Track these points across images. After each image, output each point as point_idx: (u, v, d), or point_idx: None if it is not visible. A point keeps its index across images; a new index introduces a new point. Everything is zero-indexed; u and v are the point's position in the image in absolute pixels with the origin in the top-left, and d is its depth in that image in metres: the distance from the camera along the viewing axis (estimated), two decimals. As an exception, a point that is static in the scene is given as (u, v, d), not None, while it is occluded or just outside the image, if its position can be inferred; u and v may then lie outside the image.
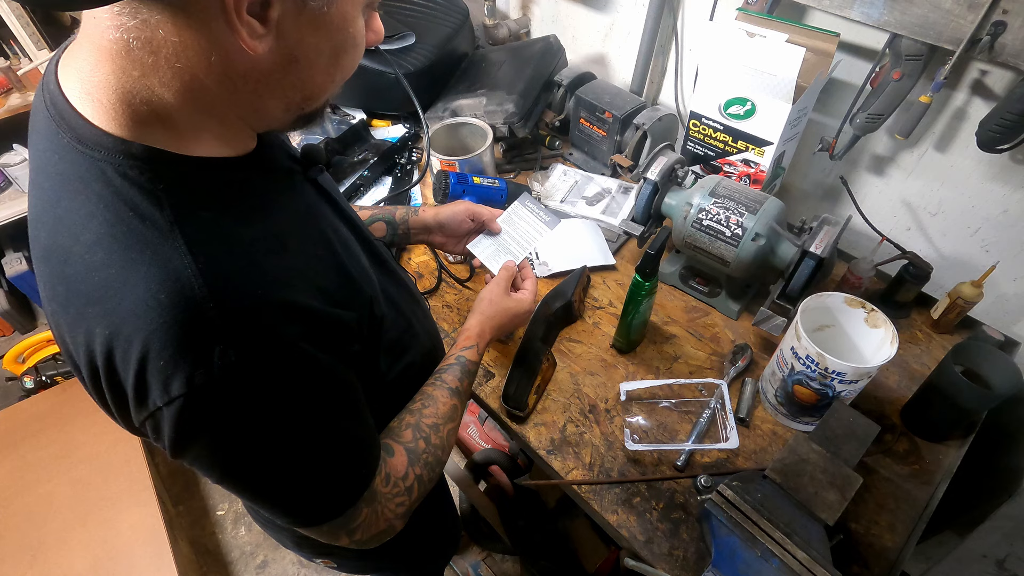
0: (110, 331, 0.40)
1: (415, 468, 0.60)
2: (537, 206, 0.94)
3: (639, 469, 0.87)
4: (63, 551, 1.44)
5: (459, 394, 0.70)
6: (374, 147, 1.40)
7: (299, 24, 0.41)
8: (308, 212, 0.54)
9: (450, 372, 0.71)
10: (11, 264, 2.03)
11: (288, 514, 0.51)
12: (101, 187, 0.41)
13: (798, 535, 0.65)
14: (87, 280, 0.41)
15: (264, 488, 0.49)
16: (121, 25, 0.37)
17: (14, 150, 1.91)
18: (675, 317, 1.09)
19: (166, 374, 0.40)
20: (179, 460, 0.45)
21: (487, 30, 1.60)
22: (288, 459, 0.48)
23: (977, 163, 0.95)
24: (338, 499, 0.52)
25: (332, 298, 0.50)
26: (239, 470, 0.47)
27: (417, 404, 0.66)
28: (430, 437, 0.64)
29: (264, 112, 0.46)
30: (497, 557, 1.69)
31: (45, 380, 1.86)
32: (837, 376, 0.79)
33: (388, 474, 0.57)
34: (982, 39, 0.80)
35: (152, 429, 0.44)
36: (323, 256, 0.53)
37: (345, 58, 0.47)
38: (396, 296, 0.65)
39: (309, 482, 0.50)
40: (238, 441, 0.45)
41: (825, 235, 0.90)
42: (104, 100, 0.41)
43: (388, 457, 0.58)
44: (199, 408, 0.41)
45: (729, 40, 1.00)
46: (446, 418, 0.67)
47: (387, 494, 0.56)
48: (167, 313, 0.39)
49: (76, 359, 0.44)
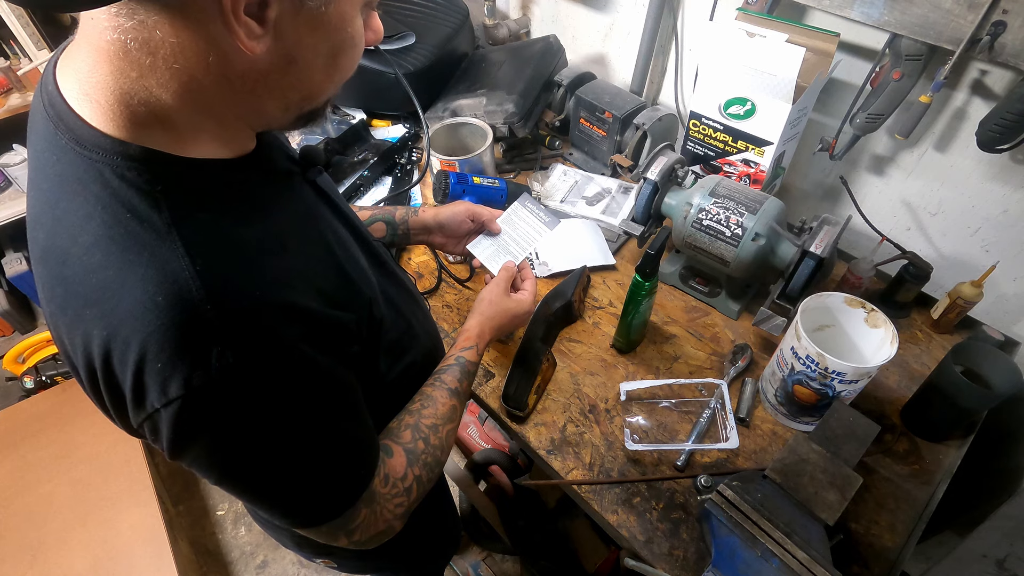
0: (107, 333, 0.40)
1: (414, 469, 0.60)
2: (537, 206, 0.94)
3: (639, 469, 0.87)
4: (63, 551, 1.44)
5: (458, 395, 0.70)
6: (374, 147, 1.40)
7: (297, 24, 0.41)
8: (307, 213, 0.54)
9: (449, 373, 0.71)
10: (11, 264, 2.03)
11: (287, 515, 0.51)
12: (99, 188, 0.41)
13: (798, 535, 0.65)
14: (85, 282, 0.41)
15: (263, 489, 0.49)
16: (119, 26, 0.37)
17: (14, 150, 1.91)
18: (675, 317, 1.09)
19: (164, 376, 0.40)
20: (178, 461, 0.45)
21: (487, 30, 1.60)
22: (287, 460, 0.48)
23: (977, 163, 0.95)
24: (337, 500, 0.52)
25: (331, 299, 0.50)
26: (238, 471, 0.47)
27: (416, 405, 0.66)
28: (429, 438, 0.64)
29: (263, 112, 0.46)
30: (497, 557, 1.69)
31: (45, 380, 1.85)
32: (837, 376, 0.79)
33: (387, 475, 0.57)
34: (982, 39, 0.80)
35: (150, 431, 0.44)
36: (322, 257, 0.53)
37: (344, 58, 0.46)
38: (395, 297, 0.65)
39: (308, 483, 0.50)
40: (236, 442, 0.45)
41: (825, 235, 0.90)
42: (102, 101, 0.40)
43: (387, 458, 0.58)
44: (197, 409, 0.41)
45: (729, 40, 1.00)
46: (445, 419, 0.67)
47: (386, 495, 0.56)
48: (164, 315, 0.39)
49: (74, 360, 0.44)
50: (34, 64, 1.68)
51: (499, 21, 1.61)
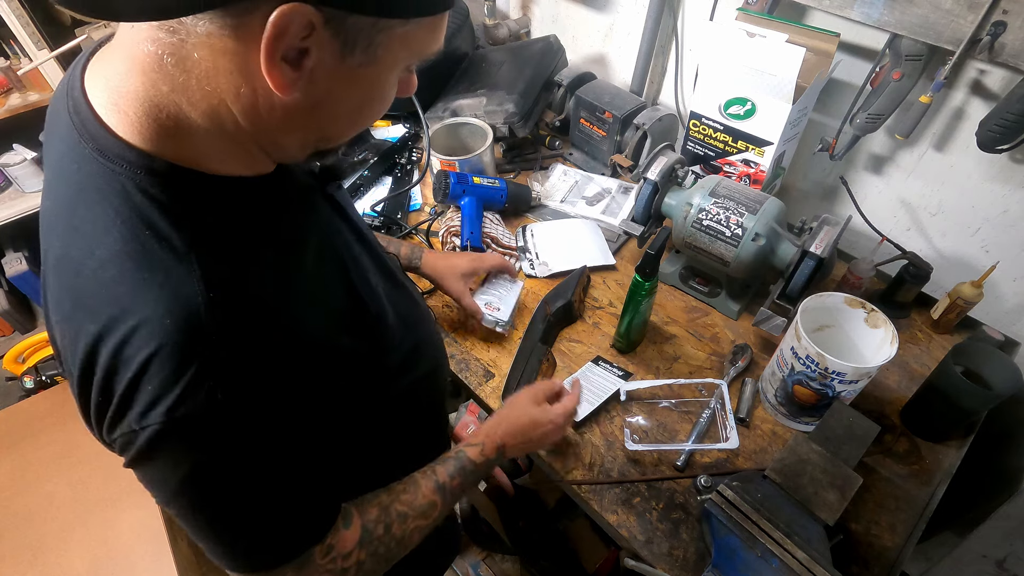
0: (112, 346, 0.40)
1: (361, 552, 0.55)
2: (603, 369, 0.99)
3: (639, 469, 0.87)
4: (63, 551, 1.44)
5: (443, 491, 0.64)
6: (374, 147, 1.40)
7: (332, 76, 0.40)
8: (324, 230, 0.54)
9: (444, 465, 0.66)
10: (11, 264, 2.03)
11: (221, 553, 0.49)
12: (119, 202, 0.40)
13: (798, 535, 0.65)
14: (96, 295, 0.40)
15: (205, 520, 0.47)
16: (158, 39, 0.37)
17: (14, 150, 1.91)
18: (675, 317, 1.09)
19: (151, 399, 0.40)
20: (131, 470, 0.45)
21: (487, 30, 1.60)
22: (239, 500, 0.46)
23: (977, 163, 0.95)
24: (271, 554, 0.50)
25: (341, 322, 0.50)
26: (188, 497, 0.45)
27: (399, 486, 0.62)
28: (392, 526, 0.59)
29: (282, 146, 0.47)
30: (497, 557, 1.69)
31: (45, 380, 1.85)
32: (837, 376, 0.79)
33: (332, 546, 0.53)
34: (982, 39, 0.80)
35: (121, 446, 0.43)
36: (335, 277, 0.53)
37: (370, 110, 0.46)
38: (404, 312, 0.64)
39: (251, 528, 0.48)
40: (196, 471, 0.44)
41: (825, 235, 0.90)
42: (131, 112, 0.40)
43: (343, 528, 0.54)
44: (170, 436, 0.41)
45: (729, 40, 1.00)
46: (418, 512, 0.61)
47: (320, 566, 0.52)
48: (169, 338, 0.39)
49: (70, 366, 0.43)
50: (34, 64, 1.68)
51: (499, 21, 1.61)
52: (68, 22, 1.80)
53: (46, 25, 1.72)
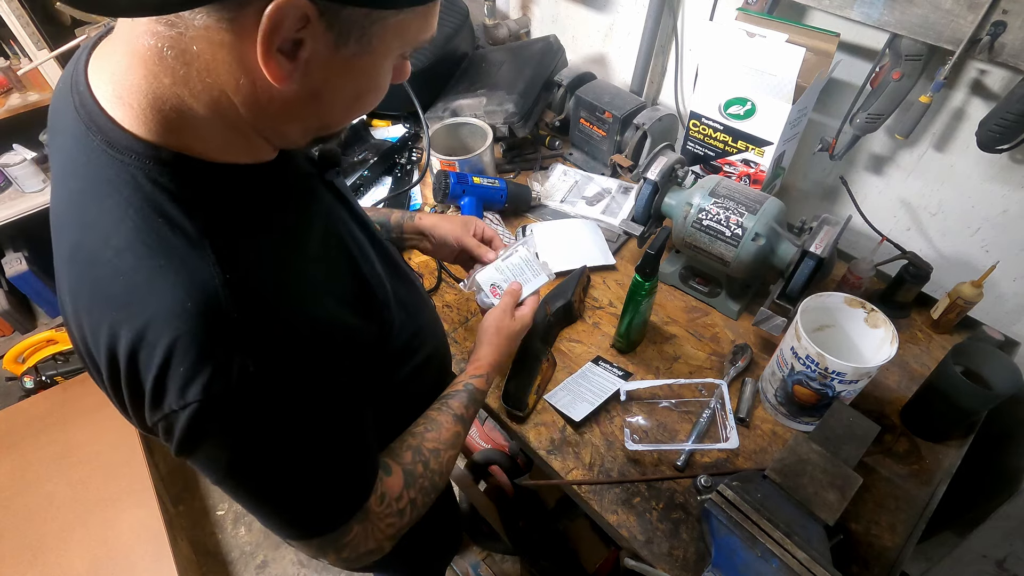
0: (135, 334, 0.41)
1: (410, 491, 0.60)
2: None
3: (639, 469, 0.87)
4: (63, 551, 1.44)
5: (463, 421, 0.70)
6: (374, 147, 1.40)
7: (327, 66, 0.41)
8: (328, 216, 0.55)
9: (456, 398, 0.71)
10: (11, 264, 2.03)
11: (282, 524, 0.52)
12: (131, 192, 0.41)
13: (798, 535, 0.65)
14: (114, 284, 0.41)
15: (262, 495, 0.50)
16: (157, 33, 0.38)
17: (14, 150, 1.91)
18: (675, 317, 1.09)
19: (185, 380, 0.41)
20: (183, 458, 0.46)
21: (487, 30, 1.60)
22: (290, 470, 0.49)
23: (977, 163, 0.95)
24: (333, 513, 0.52)
25: (349, 306, 0.51)
26: (241, 476, 0.48)
27: (420, 427, 0.66)
28: (429, 462, 0.63)
29: (283, 134, 0.48)
30: (497, 557, 1.69)
31: (45, 380, 1.85)
32: (837, 376, 0.79)
33: (384, 493, 0.57)
34: (982, 39, 0.80)
35: (164, 430, 0.44)
36: (342, 262, 0.54)
37: (367, 99, 0.48)
38: (406, 298, 0.66)
39: (307, 494, 0.51)
40: (244, 448, 0.46)
41: (825, 235, 0.90)
42: (135, 105, 0.41)
43: (385, 476, 0.58)
44: (212, 415, 0.42)
45: (729, 40, 1.00)
46: (447, 444, 0.66)
47: (379, 513, 0.56)
48: (192, 321, 0.40)
49: (96, 358, 0.45)
50: (34, 64, 1.68)
51: (499, 21, 1.61)
52: (68, 22, 1.79)
53: (46, 25, 1.72)
